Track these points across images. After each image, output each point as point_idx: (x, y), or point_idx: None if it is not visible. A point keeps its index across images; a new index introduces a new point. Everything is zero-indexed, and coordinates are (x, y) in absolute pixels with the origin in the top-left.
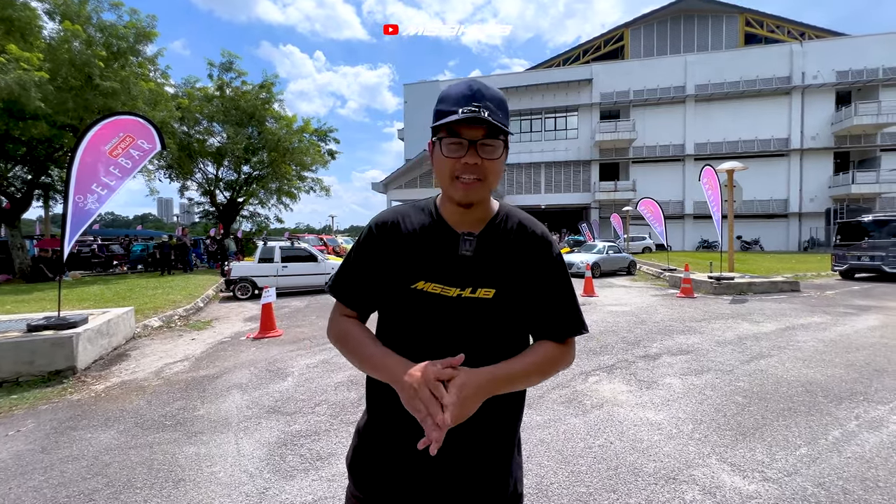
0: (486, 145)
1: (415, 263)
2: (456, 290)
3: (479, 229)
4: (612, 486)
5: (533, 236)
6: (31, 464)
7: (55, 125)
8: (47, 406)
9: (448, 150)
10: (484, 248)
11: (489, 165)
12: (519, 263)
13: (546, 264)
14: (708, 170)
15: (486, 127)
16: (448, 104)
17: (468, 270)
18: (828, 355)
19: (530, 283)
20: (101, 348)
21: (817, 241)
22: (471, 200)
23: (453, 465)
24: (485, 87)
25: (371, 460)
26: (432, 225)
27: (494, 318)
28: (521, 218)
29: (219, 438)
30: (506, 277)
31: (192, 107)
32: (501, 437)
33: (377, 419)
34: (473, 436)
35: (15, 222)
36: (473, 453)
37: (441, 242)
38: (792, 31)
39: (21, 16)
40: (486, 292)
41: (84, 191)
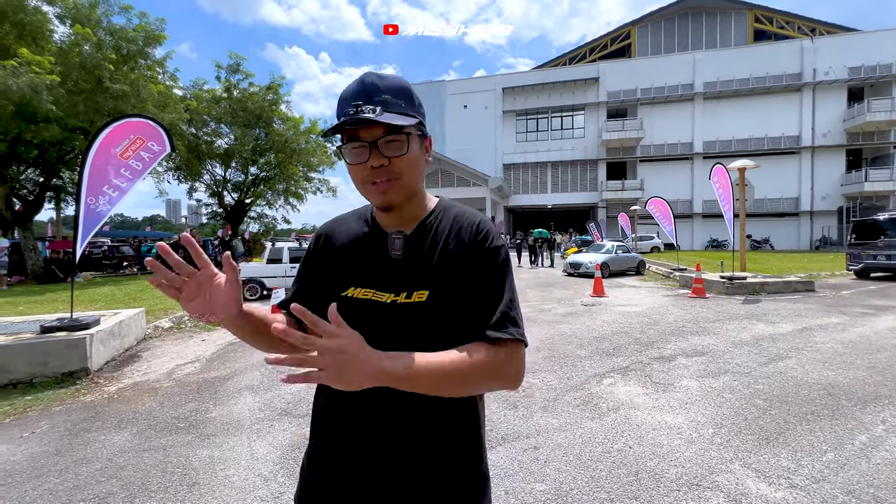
0: (390, 142)
1: (346, 270)
2: (390, 295)
3: (411, 228)
4: (633, 492)
5: (468, 229)
6: (45, 466)
7: (66, 128)
8: (61, 407)
9: (352, 157)
10: (415, 248)
11: (399, 163)
12: (452, 260)
13: (479, 257)
14: (718, 168)
15: (385, 124)
16: (342, 106)
17: (400, 273)
18: (848, 357)
19: (463, 281)
20: (113, 350)
21: (829, 240)
22: (391, 203)
23: (405, 491)
24: (379, 78)
25: (320, 493)
26: (365, 228)
27: (431, 324)
28: (456, 212)
29: (232, 441)
30: (439, 277)
31: (201, 109)
32: (457, 455)
33: (319, 445)
34: (425, 457)
35: (27, 224)
36: (426, 477)
37: (372, 246)
38: (802, 26)
39: (32, 20)
40: (420, 295)
41: (96, 193)
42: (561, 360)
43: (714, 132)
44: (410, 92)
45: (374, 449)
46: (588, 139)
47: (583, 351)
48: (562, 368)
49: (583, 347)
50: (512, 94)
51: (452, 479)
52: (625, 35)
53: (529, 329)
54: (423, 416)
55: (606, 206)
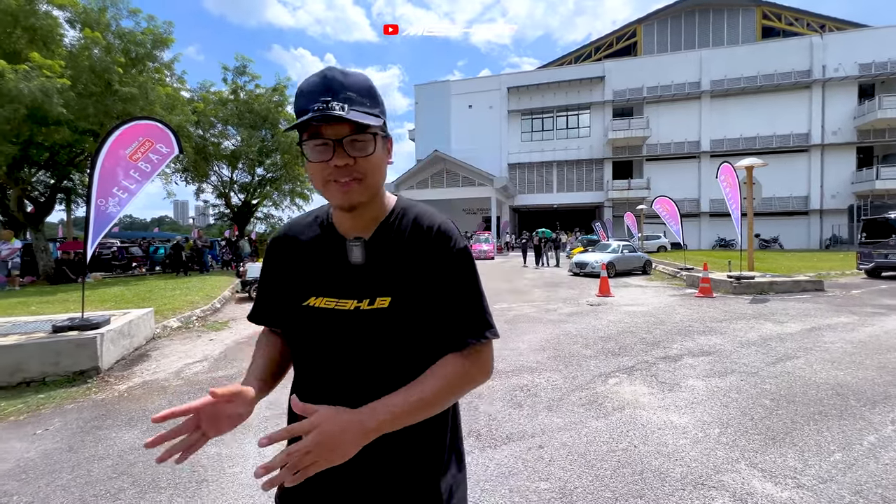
0: (355, 141)
1: (305, 278)
2: (352, 302)
3: (370, 232)
4: (638, 491)
5: (428, 231)
6: (58, 462)
7: (76, 130)
8: (73, 405)
9: (314, 154)
10: (375, 253)
11: (364, 163)
12: (414, 264)
13: (442, 261)
14: (726, 167)
15: (353, 123)
16: (303, 101)
17: (361, 279)
18: (858, 357)
19: (426, 285)
20: (122, 349)
21: (839, 239)
22: (353, 203)
23: (371, 496)
24: (342, 74)
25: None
26: (322, 234)
27: (392, 331)
28: (417, 213)
29: (239, 439)
30: (400, 282)
31: (208, 110)
32: (426, 458)
33: None
34: (387, 464)
35: (39, 225)
36: (391, 483)
37: (330, 252)
38: (811, 23)
39: (43, 24)
40: (382, 301)
41: (105, 194)
42: (566, 359)
43: (721, 130)
44: (374, 91)
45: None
46: (594, 138)
47: (588, 350)
48: (567, 368)
49: (588, 347)
50: (517, 94)
51: (423, 482)
52: (630, 33)
53: (535, 329)
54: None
55: (612, 206)
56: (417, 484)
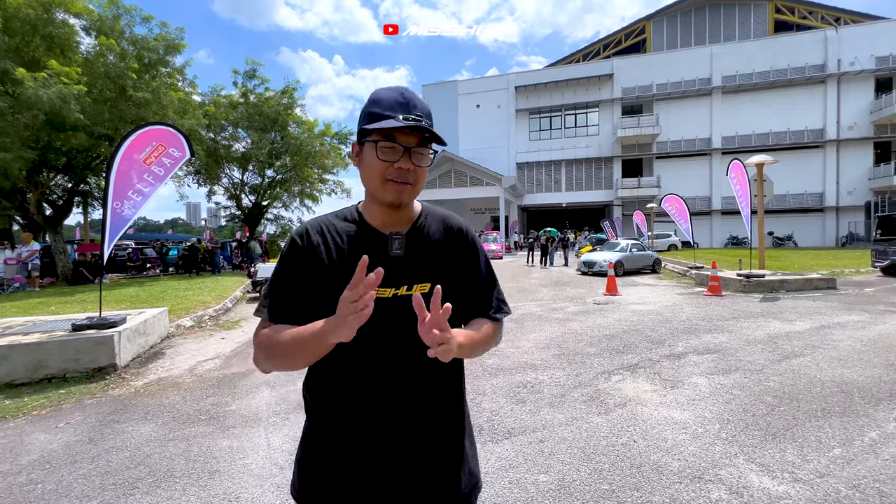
0: (419, 153)
1: (347, 269)
2: (391, 290)
3: (405, 229)
4: (635, 483)
5: (457, 230)
6: (79, 454)
7: (92, 135)
8: (92, 400)
9: (383, 154)
10: (413, 246)
11: (419, 172)
12: (446, 257)
13: (472, 255)
14: (735, 164)
15: (419, 135)
16: (383, 108)
17: (401, 269)
18: (866, 355)
19: (460, 274)
20: (138, 347)
21: (856, 236)
22: (402, 202)
23: (403, 466)
24: (415, 97)
25: (322, 483)
26: (358, 230)
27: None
28: (441, 215)
29: (250, 432)
30: (438, 271)
31: (219, 114)
32: (449, 431)
33: (322, 432)
34: (420, 433)
35: (57, 228)
36: (422, 452)
37: (370, 246)
38: (826, 16)
39: (60, 32)
40: (421, 287)
41: (121, 197)
42: (570, 357)
43: (733, 127)
44: (430, 113)
45: (379, 422)
46: (603, 136)
47: (593, 349)
48: (570, 366)
49: (593, 345)
50: (525, 93)
51: (447, 453)
52: (639, 30)
53: (541, 328)
54: (423, 399)
55: (622, 204)
56: (445, 461)
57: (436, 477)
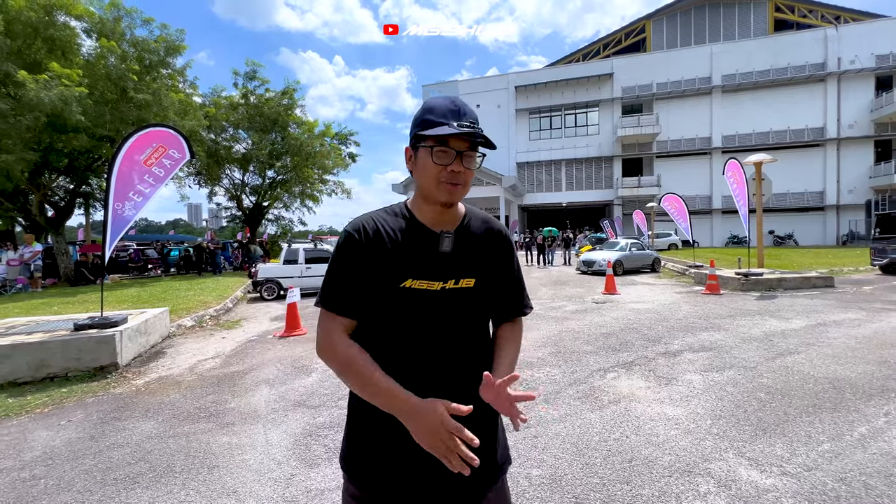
0: (469, 157)
1: (401, 263)
2: (439, 283)
3: (452, 228)
4: (625, 477)
5: (498, 233)
6: (82, 450)
7: (94, 137)
8: (94, 399)
9: (438, 158)
10: (461, 244)
11: (468, 174)
12: (489, 255)
13: (507, 254)
14: (732, 163)
15: (469, 141)
16: (437, 116)
17: (449, 264)
18: (860, 352)
19: (499, 272)
20: (139, 346)
21: (857, 235)
22: (454, 201)
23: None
24: (465, 106)
25: (367, 454)
26: (409, 227)
27: (475, 304)
28: (483, 216)
29: (249, 429)
30: (482, 267)
31: (219, 115)
32: (487, 406)
33: (369, 416)
34: (474, 416)
35: (59, 229)
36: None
37: (422, 242)
38: (826, 14)
39: (62, 35)
40: (467, 282)
41: (122, 199)
42: (566, 355)
43: (733, 126)
44: (478, 120)
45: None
46: (603, 136)
47: (589, 347)
48: (566, 363)
49: (589, 343)
50: (525, 93)
51: (484, 428)
52: (639, 29)
53: (538, 326)
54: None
55: (622, 204)
56: (484, 420)
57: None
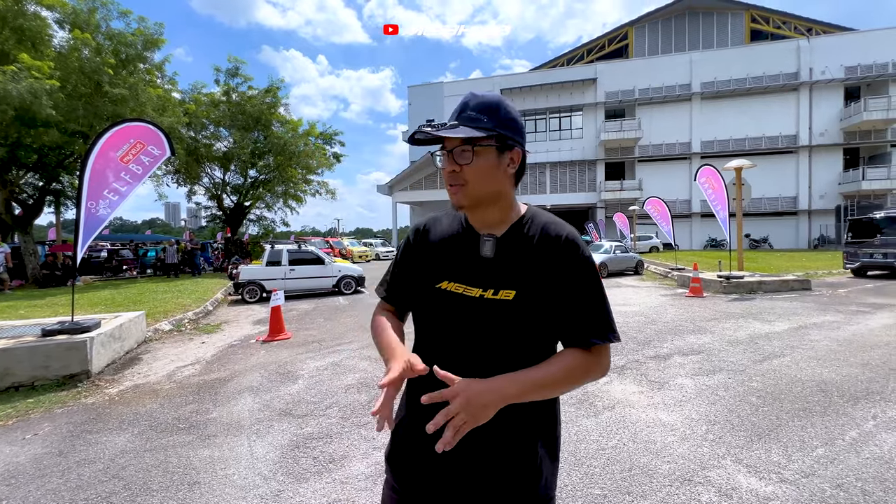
0: (460, 152)
1: (440, 264)
2: (478, 290)
3: (501, 231)
4: (626, 487)
5: (557, 239)
6: (48, 467)
7: (66, 132)
8: (62, 410)
9: (440, 162)
10: (505, 250)
11: (469, 171)
12: (541, 265)
13: (571, 267)
14: (706, 169)
15: (447, 137)
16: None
17: (489, 271)
18: (842, 354)
19: (554, 286)
20: (113, 352)
21: (827, 239)
22: (460, 204)
23: (481, 461)
24: (473, 96)
25: (407, 454)
26: (459, 228)
27: (514, 320)
28: (546, 220)
29: (232, 441)
30: (526, 279)
31: (199, 112)
32: (527, 437)
33: (411, 413)
34: (500, 436)
35: (27, 228)
36: (500, 453)
37: (464, 244)
38: (799, 26)
39: (32, 25)
40: (506, 293)
41: (96, 197)
42: None
43: (712, 132)
44: (497, 108)
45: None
46: (586, 140)
47: None
48: None
49: None
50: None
51: (524, 459)
52: (622, 36)
53: None
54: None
55: (605, 207)
56: (521, 466)
57: (511, 476)
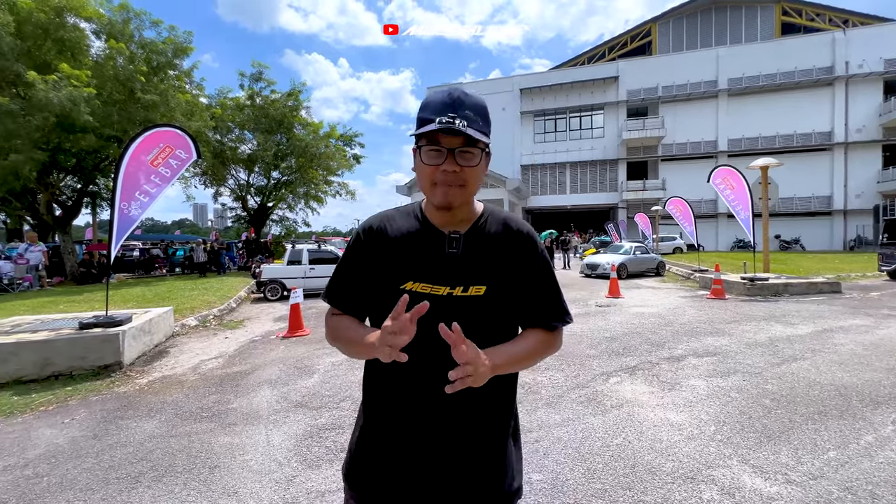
0: (465, 153)
1: (403, 264)
2: (445, 288)
3: (464, 229)
4: (628, 483)
5: (519, 234)
6: (84, 448)
7: (101, 137)
8: (97, 397)
9: (427, 158)
10: (471, 247)
11: (469, 172)
12: (506, 260)
13: (533, 260)
14: (721, 170)
15: (464, 136)
16: (428, 112)
17: (457, 269)
18: (867, 359)
19: (519, 278)
20: (143, 345)
21: (864, 240)
22: (450, 203)
23: (448, 459)
24: (465, 95)
25: (369, 467)
26: (418, 227)
27: (486, 314)
28: (504, 217)
29: (251, 430)
30: (495, 274)
31: (225, 116)
32: (495, 428)
33: (374, 421)
34: (467, 429)
35: (66, 228)
36: (468, 447)
37: (428, 243)
38: (834, 18)
39: (71, 36)
40: (477, 289)
41: (129, 198)
42: (569, 359)
43: (739, 130)
44: (487, 113)
45: (425, 425)
46: (608, 139)
47: (592, 351)
48: (569, 367)
49: (593, 347)
50: (530, 95)
51: (491, 451)
52: (645, 32)
53: None
54: (468, 402)
55: (627, 207)
56: (489, 458)
57: (478, 474)
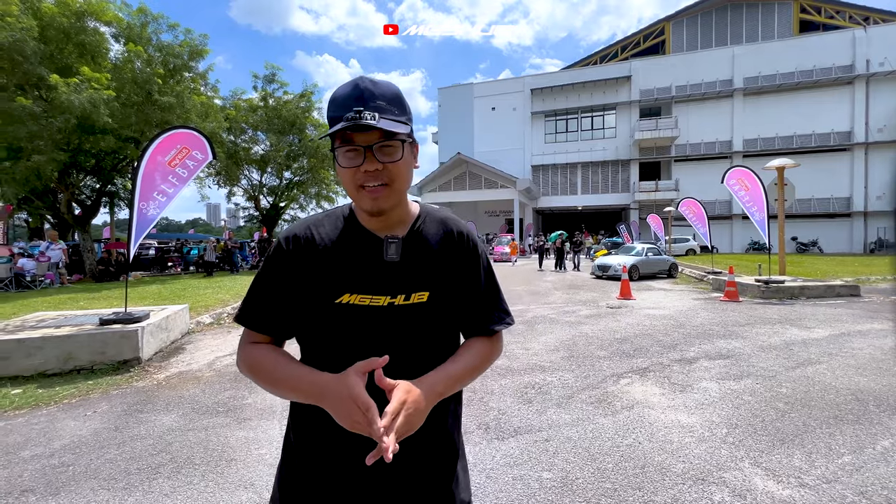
0: (384, 147)
1: (336, 276)
2: (386, 298)
3: (402, 232)
4: (638, 483)
5: (460, 236)
6: (106, 440)
7: (120, 138)
8: (118, 391)
9: (345, 160)
10: (411, 251)
11: (393, 168)
12: (448, 263)
13: (474, 262)
14: (735, 171)
15: (379, 129)
16: (336, 109)
17: (398, 276)
18: (886, 363)
19: (460, 282)
20: (160, 341)
21: (885, 243)
22: (381, 208)
23: (395, 479)
24: (373, 84)
25: (304, 495)
26: (351, 233)
27: (430, 322)
28: (442, 217)
29: (265, 424)
30: (438, 278)
31: (239, 117)
32: (443, 441)
33: (305, 445)
34: (414, 444)
35: (86, 227)
36: (415, 463)
37: (363, 250)
38: (854, 15)
39: (91, 40)
40: (420, 296)
41: (147, 198)
42: (580, 360)
43: (755, 129)
44: (402, 98)
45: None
46: (620, 139)
47: (603, 352)
48: (580, 368)
49: (603, 348)
50: (541, 95)
51: (440, 465)
52: (658, 31)
53: (552, 330)
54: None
55: (639, 208)
56: (438, 474)
57: (427, 499)
